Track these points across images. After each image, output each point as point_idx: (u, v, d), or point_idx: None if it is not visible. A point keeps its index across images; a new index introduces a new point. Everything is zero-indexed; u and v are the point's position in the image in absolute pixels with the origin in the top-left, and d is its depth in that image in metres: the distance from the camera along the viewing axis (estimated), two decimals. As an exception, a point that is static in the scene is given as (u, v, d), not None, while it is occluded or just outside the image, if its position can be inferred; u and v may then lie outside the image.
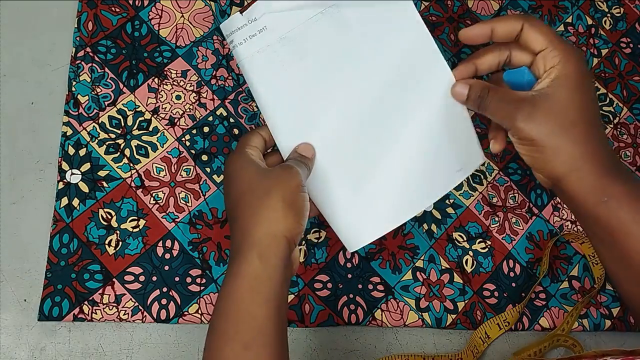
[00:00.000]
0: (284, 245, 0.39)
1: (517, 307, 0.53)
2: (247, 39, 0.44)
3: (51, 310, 0.47)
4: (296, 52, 0.45)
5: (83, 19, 0.55)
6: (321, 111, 0.45)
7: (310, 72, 0.45)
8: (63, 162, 0.51)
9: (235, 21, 0.44)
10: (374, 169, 0.45)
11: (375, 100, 0.45)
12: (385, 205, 0.45)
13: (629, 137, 0.61)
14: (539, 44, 0.41)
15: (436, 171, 0.46)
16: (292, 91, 0.45)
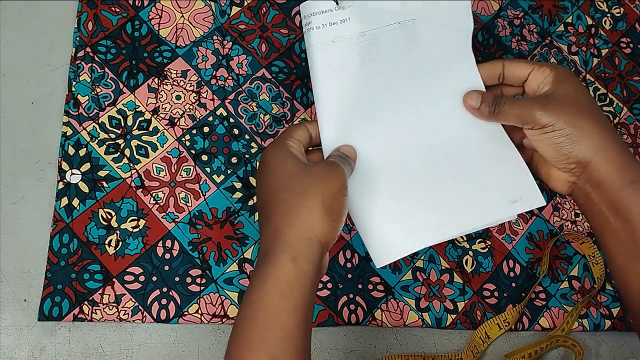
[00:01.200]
0: (317, 250, 0.37)
1: (517, 307, 0.53)
2: (326, 24, 0.43)
3: (51, 310, 0.47)
4: (369, 52, 0.43)
5: (83, 19, 0.55)
6: (373, 116, 0.44)
7: (374, 75, 0.44)
8: (63, 162, 0.51)
9: (320, 4, 0.42)
10: (414, 186, 0.44)
11: (424, 118, 0.45)
12: (420, 223, 0.43)
13: (629, 137, 0.61)
14: (523, 69, 0.43)
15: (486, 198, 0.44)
16: (353, 89, 0.44)
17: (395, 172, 0.44)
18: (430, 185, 0.44)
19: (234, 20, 0.57)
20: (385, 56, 0.44)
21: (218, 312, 0.49)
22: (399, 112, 0.45)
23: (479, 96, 0.44)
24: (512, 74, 0.44)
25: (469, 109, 0.44)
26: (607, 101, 0.62)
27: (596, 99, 0.62)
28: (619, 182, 0.40)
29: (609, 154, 0.40)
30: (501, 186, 0.44)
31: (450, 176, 0.44)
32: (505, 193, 0.44)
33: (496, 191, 0.44)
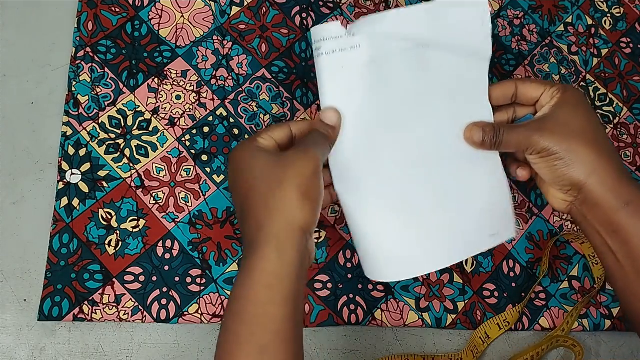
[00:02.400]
0: (300, 237, 0.37)
1: (517, 307, 0.53)
2: (336, 50, 0.43)
3: (51, 310, 0.47)
4: (379, 79, 0.44)
5: (83, 19, 0.55)
6: (378, 140, 0.44)
7: (383, 101, 0.44)
8: (63, 162, 0.51)
9: (330, 30, 0.43)
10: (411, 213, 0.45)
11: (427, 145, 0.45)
12: (415, 251, 0.45)
13: (629, 137, 0.61)
14: (536, 90, 0.44)
15: (472, 231, 0.46)
16: (360, 114, 0.44)
17: (395, 197, 0.45)
18: (426, 213, 0.45)
19: (234, 20, 0.57)
20: (395, 82, 0.44)
21: (218, 312, 0.49)
22: (404, 137, 0.45)
23: (480, 130, 0.44)
24: (524, 94, 0.45)
25: (470, 142, 0.45)
26: (607, 101, 0.62)
27: (596, 99, 0.62)
28: (615, 204, 0.40)
29: (603, 176, 0.40)
30: (486, 219, 0.46)
31: (445, 207, 0.45)
32: (488, 226, 0.46)
33: (480, 224, 0.46)
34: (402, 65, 0.44)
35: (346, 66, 0.43)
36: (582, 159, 0.41)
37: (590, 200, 0.41)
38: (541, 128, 0.42)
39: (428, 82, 0.45)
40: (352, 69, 0.43)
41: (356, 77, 0.43)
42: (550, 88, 0.44)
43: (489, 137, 0.44)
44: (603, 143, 0.42)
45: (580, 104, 0.43)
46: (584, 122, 0.42)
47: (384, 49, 0.43)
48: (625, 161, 0.60)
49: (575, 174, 0.41)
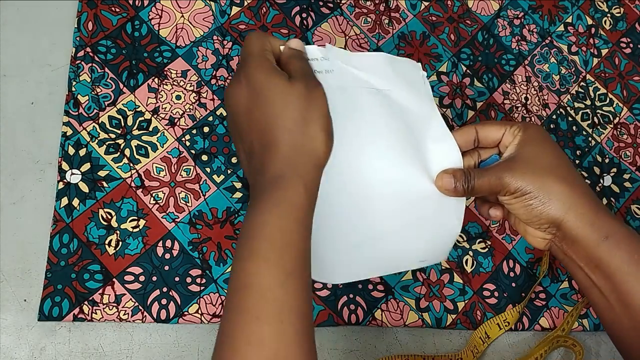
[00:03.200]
0: (321, 174, 0.38)
1: (517, 307, 0.53)
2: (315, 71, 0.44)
3: (51, 310, 0.47)
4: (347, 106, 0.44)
5: (83, 19, 0.55)
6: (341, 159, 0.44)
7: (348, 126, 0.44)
8: (63, 162, 0.51)
9: (310, 51, 0.44)
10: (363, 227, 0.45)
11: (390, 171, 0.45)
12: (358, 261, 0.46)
13: (629, 137, 0.61)
14: (496, 132, 0.44)
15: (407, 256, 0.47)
16: None
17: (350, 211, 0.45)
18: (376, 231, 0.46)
19: (234, 20, 0.57)
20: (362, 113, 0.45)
21: (218, 312, 0.49)
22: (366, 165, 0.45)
23: (451, 177, 0.44)
24: (485, 137, 0.45)
25: (442, 190, 0.44)
26: (607, 101, 0.62)
27: (596, 99, 0.62)
28: (594, 238, 0.40)
29: (579, 211, 0.40)
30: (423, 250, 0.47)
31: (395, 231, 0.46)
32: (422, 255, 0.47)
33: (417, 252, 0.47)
34: (367, 101, 0.45)
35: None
36: (557, 195, 0.41)
37: (570, 237, 0.41)
38: (511, 168, 0.42)
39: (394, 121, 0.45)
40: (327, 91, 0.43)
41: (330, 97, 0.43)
42: (510, 127, 0.44)
43: (461, 183, 0.43)
44: (575, 177, 0.42)
45: (544, 139, 0.43)
46: (552, 157, 0.42)
47: (353, 81, 0.45)
48: (625, 161, 0.60)
49: (552, 211, 0.41)
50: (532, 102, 0.60)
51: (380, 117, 0.45)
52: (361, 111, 0.45)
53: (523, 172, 0.41)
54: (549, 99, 0.61)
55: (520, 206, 0.42)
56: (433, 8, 0.62)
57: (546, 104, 0.60)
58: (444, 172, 0.44)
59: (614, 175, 0.59)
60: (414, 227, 0.46)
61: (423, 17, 0.61)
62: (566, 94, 0.61)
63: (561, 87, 0.61)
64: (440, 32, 0.61)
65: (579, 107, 0.61)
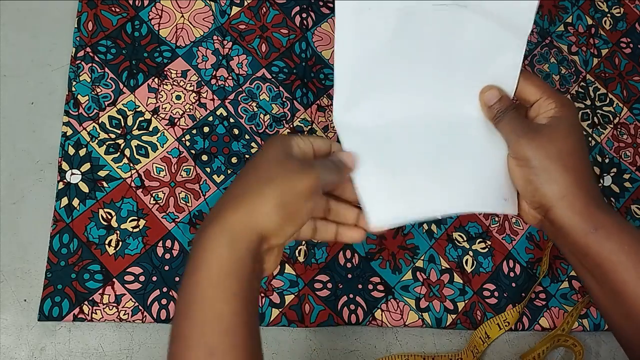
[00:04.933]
0: (256, 240, 0.34)
1: (517, 307, 0.53)
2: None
3: (51, 310, 0.47)
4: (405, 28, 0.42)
5: (83, 19, 0.55)
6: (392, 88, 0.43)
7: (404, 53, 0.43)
8: (63, 162, 0.51)
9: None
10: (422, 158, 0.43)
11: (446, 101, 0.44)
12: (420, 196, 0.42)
13: (629, 137, 0.61)
14: (534, 95, 0.43)
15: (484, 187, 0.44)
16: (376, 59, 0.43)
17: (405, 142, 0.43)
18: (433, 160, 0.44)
19: (234, 20, 0.57)
20: (421, 35, 0.43)
21: (218, 312, 0.49)
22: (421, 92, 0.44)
23: (498, 95, 0.43)
24: (522, 91, 0.44)
25: (480, 97, 0.44)
26: (607, 101, 0.62)
27: (596, 99, 0.62)
28: (582, 228, 0.39)
29: (572, 201, 0.40)
30: (499, 181, 0.44)
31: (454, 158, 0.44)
32: (501, 189, 0.44)
33: (499, 182, 0.44)
34: (433, 21, 0.42)
35: (373, 8, 0.41)
36: (558, 182, 0.40)
37: (557, 224, 0.40)
38: (533, 137, 0.41)
39: (456, 44, 0.43)
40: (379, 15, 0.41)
41: (381, 22, 0.41)
42: (547, 98, 0.43)
43: (498, 106, 0.43)
44: (583, 170, 0.41)
45: (574, 125, 0.42)
46: (572, 146, 0.41)
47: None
48: (625, 161, 0.60)
49: (547, 195, 0.40)
50: (532, 102, 0.60)
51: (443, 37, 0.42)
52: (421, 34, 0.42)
53: (538, 147, 0.41)
54: (549, 99, 0.60)
55: (521, 175, 0.42)
56: (433, 8, 0.61)
57: (546, 104, 0.60)
58: (497, 88, 0.44)
59: (614, 175, 0.59)
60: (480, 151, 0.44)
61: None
62: (566, 94, 0.61)
63: (561, 87, 0.61)
64: None
65: (579, 107, 0.61)
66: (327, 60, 0.58)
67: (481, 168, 0.44)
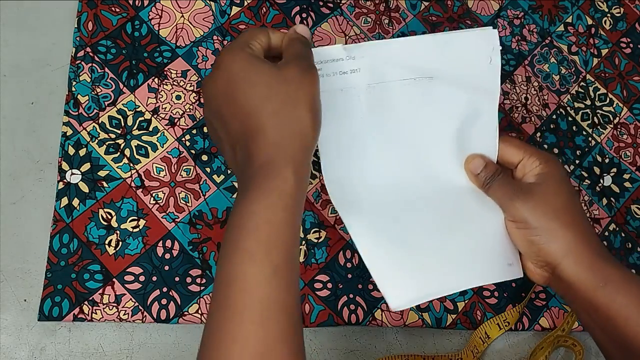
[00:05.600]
0: (311, 156, 0.37)
1: (517, 307, 0.53)
2: (336, 73, 0.42)
3: (51, 310, 0.47)
4: (378, 103, 0.43)
5: (83, 19, 0.55)
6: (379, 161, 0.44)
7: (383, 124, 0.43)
8: (63, 162, 0.51)
9: (333, 52, 0.42)
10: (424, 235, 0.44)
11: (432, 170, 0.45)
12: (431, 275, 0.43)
13: (629, 137, 0.61)
14: (516, 155, 0.44)
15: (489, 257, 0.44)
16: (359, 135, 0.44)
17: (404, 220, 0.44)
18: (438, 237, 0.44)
19: (234, 20, 0.57)
20: (395, 108, 0.44)
21: (218, 312, 0.49)
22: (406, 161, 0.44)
23: (483, 163, 0.44)
24: (502, 156, 0.45)
25: (466, 169, 0.45)
26: (607, 101, 0.62)
27: (596, 99, 0.62)
28: (591, 284, 0.39)
29: (578, 256, 0.40)
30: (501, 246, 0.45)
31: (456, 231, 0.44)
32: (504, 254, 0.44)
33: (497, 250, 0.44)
34: (403, 94, 0.43)
35: (345, 89, 0.43)
36: (560, 239, 0.40)
37: (565, 280, 0.41)
38: (526, 199, 0.41)
39: (431, 115, 0.44)
40: (351, 92, 0.42)
41: (355, 100, 0.43)
42: (529, 157, 0.43)
43: (484, 173, 0.43)
44: (581, 223, 0.42)
45: (562, 179, 0.43)
46: (564, 200, 0.42)
47: (384, 76, 0.43)
48: (625, 161, 0.60)
49: (551, 254, 0.41)
50: (532, 102, 0.60)
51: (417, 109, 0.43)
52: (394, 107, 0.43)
53: (534, 208, 0.41)
54: (549, 99, 0.61)
55: (522, 238, 0.42)
56: (433, 8, 0.61)
57: (546, 104, 0.60)
58: (480, 156, 0.44)
59: (614, 175, 0.59)
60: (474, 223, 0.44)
61: (423, 17, 0.61)
62: (566, 94, 0.61)
63: (561, 87, 0.61)
64: (440, 32, 0.61)
65: (579, 107, 0.61)
66: (327, 60, 0.58)
67: (482, 238, 0.44)
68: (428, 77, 0.44)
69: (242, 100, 0.36)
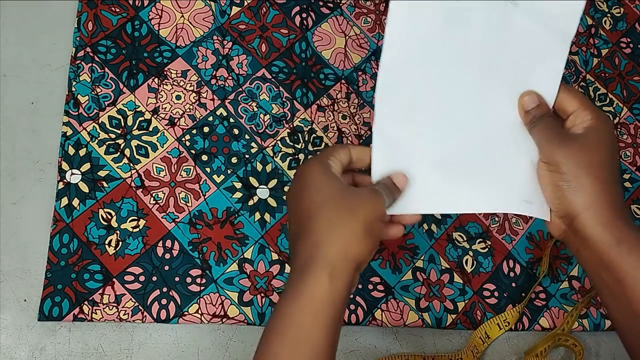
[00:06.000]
0: (353, 270, 0.37)
1: (517, 307, 0.53)
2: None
3: (51, 310, 0.47)
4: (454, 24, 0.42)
5: (83, 19, 0.55)
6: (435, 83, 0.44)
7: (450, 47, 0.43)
8: (63, 162, 0.51)
9: None
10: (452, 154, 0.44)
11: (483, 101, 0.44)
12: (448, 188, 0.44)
13: (629, 137, 0.61)
14: (572, 105, 0.43)
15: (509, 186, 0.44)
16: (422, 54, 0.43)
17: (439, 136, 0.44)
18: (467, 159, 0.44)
19: (234, 20, 0.57)
20: (469, 33, 0.43)
21: (218, 312, 0.49)
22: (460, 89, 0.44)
23: (537, 101, 0.44)
24: (560, 102, 0.44)
25: (519, 104, 0.44)
26: (607, 101, 0.62)
27: (596, 99, 0.62)
28: (606, 241, 0.39)
29: (597, 211, 0.40)
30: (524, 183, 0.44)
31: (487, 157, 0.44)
32: (525, 191, 0.44)
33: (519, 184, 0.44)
34: (483, 18, 0.43)
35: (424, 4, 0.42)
36: (586, 191, 0.40)
37: (581, 234, 0.40)
38: (566, 144, 0.41)
39: (502, 46, 0.44)
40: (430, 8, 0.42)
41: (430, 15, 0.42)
42: (584, 109, 0.43)
43: (535, 111, 0.43)
44: (612, 182, 0.41)
45: (608, 138, 0.42)
46: (603, 157, 0.41)
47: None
48: (625, 161, 0.60)
49: (574, 202, 0.40)
50: (532, 102, 0.60)
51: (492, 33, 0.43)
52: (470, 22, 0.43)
53: (572, 155, 0.41)
54: (549, 99, 0.61)
55: (550, 182, 0.42)
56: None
57: (546, 104, 0.60)
58: (536, 94, 0.44)
59: (614, 175, 0.59)
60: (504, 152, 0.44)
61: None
62: (566, 94, 0.61)
63: (561, 87, 0.61)
64: None
65: (579, 107, 0.61)
66: (327, 60, 0.58)
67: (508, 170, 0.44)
68: (514, 4, 0.43)
69: (306, 204, 0.39)
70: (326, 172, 0.40)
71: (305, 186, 0.40)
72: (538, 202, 0.44)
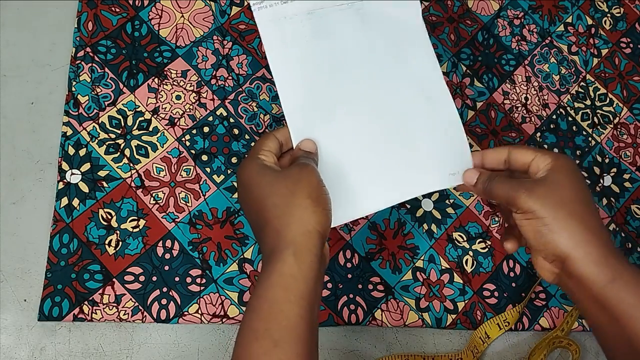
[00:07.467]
0: (317, 240, 0.39)
1: (517, 307, 0.53)
2: (278, 3, 0.45)
3: (51, 310, 0.47)
4: (320, 28, 0.46)
5: (83, 19, 0.55)
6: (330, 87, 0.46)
7: (329, 49, 0.46)
8: (63, 162, 0.51)
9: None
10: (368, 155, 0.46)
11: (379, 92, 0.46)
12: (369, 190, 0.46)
13: (629, 137, 0.61)
14: (527, 155, 0.44)
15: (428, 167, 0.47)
16: (308, 61, 0.46)
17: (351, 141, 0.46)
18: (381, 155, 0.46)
19: (234, 20, 0.57)
20: (337, 32, 0.46)
21: (218, 312, 0.49)
22: (355, 85, 0.47)
23: (476, 175, 0.45)
24: (516, 160, 0.45)
25: (465, 183, 0.46)
26: (607, 101, 0.62)
27: (596, 99, 0.62)
28: (600, 280, 0.39)
29: (588, 250, 0.40)
30: (445, 159, 0.47)
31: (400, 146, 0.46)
32: (447, 165, 0.47)
33: (440, 162, 0.47)
34: (342, 18, 0.46)
35: (288, 17, 0.45)
36: (569, 230, 0.40)
37: (575, 275, 0.40)
38: (532, 189, 0.41)
39: (371, 35, 0.47)
40: (294, 20, 0.45)
41: (299, 25, 0.45)
42: (541, 155, 0.44)
43: (482, 179, 0.44)
44: (591, 216, 0.41)
45: (573, 172, 0.43)
46: (575, 191, 0.42)
47: (322, 3, 0.46)
48: (625, 161, 0.60)
49: (560, 244, 0.40)
50: (532, 102, 0.60)
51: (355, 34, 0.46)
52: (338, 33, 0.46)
53: (542, 197, 0.41)
54: (549, 99, 0.61)
55: (531, 229, 0.42)
56: (433, 8, 0.61)
57: (546, 104, 0.60)
58: (469, 170, 0.46)
59: (614, 175, 0.59)
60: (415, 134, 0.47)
61: (423, 17, 0.61)
62: (566, 94, 0.61)
63: (561, 87, 0.61)
64: (440, 32, 0.61)
65: (579, 107, 0.61)
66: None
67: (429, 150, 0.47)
68: (359, 1, 0.47)
69: (254, 202, 0.42)
70: (260, 168, 0.42)
71: (246, 187, 0.42)
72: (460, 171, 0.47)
